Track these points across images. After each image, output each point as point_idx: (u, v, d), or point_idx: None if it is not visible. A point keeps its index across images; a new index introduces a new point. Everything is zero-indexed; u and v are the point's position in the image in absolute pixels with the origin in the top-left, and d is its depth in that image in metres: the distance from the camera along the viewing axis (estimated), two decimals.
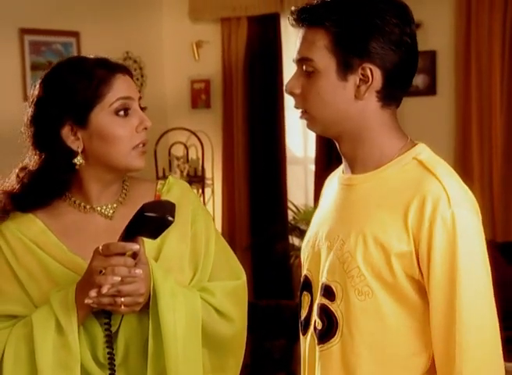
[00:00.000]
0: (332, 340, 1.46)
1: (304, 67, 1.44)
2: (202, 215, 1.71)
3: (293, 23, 1.46)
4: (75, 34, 5.32)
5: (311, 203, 5.32)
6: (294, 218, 5.23)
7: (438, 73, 4.96)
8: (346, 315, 1.44)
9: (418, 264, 1.39)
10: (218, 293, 1.64)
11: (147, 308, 1.52)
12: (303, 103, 1.46)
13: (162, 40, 5.88)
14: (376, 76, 1.42)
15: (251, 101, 5.49)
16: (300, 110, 1.49)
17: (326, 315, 1.47)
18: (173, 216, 1.44)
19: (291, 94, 1.47)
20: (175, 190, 1.70)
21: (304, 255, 1.57)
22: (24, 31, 5.10)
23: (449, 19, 4.86)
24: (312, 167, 5.42)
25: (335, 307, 1.45)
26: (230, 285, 1.69)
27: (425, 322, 1.41)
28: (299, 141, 5.58)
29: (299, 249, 4.99)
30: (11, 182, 1.62)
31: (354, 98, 1.43)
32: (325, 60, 1.42)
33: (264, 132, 5.48)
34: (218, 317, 1.63)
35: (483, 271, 1.39)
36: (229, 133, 5.61)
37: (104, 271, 1.44)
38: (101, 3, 5.49)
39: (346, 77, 1.42)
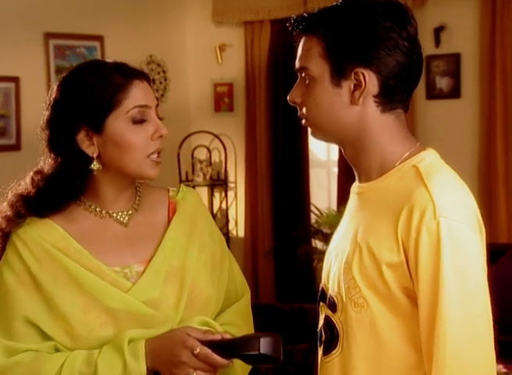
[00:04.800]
0: (334, 352, 1.45)
1: (303, 75, 1.44)
2: (217, 235, 1.72)
3: (291, 31, 1.46)
4: (99, 38, 5.35)
5: (334, 206, 5.30)
6: (317, 221, 5.22)
7: (462, 75, 4.92)
8: (345, 327, 1.42)
9: (411, 275, 1.36)
10: (241, 322, 1.67)
11: None
12: (305, 112, 1.47)
13: (185, 43, 5.90)
14: (370, 80, 1.39)
15: (274, 105, 5.49)
16: (302, 118, 1.49)
17: (329, 326, 1.46)
18: (282, 356, 1.46)
19: (293, 103, 1.48)
20: (190, 198, 1.70)
21: (323, 265, 1.56)
22: (49, 35, 5.15)
23: (473, 21, 4.83)
24: (335, 170, 5.41)
25: (336, 319, 1.44)
26: (243, 304, 1.72)
27: None
28: (322, 143, 5.57)
29: (322, 252, 4.98)
30: (25, 185, 1.61)
31: (350, 103, 1.42)
32: (319, 67, 1.42)
33: (287, 135, 5.47)
34: None
35: (475, 286, 1.33)
36: (251, 136, 5.61)
37: (194, 374, 1.49)
38: (125, 7, 5.52)
39: (340, 83, 1.41)
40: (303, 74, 1.45)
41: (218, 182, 5.73)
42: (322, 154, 5.66)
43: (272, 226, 5.57)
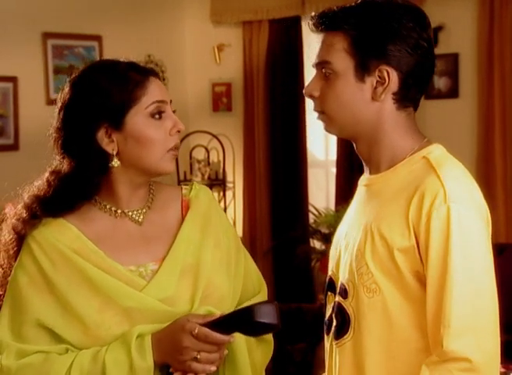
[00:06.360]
0: (346, 336, 1.50)
1: (323, 70, 1.49)
2: (232, 231, 1.73)
3: (313, 28, 1.51)
4: (97, 38, 5.35)
5: (332, 206, 5.31)
6: (315, 221, 5.22)
7: (460, 75, 4.93)
8: (356, 312, 1.48)
9: (421, 259, 1.41)
10: None
11: None
12: (321, 105, 1.51)
13: (184, 43, 5.90)
14: (393, 78, 1.46)
15: (272, 105, 5.49)
16: (317, 112, 1.53)
17: (340, 312, 1.51)
18: (281, 322, 1.47)
19: (310, 97, 1.52)
20: (203, 196, 1.70)
21: (330, 256, 1.61)
22: (47, 35, 5.15)
23: (471, 21, 4.83)
24: (333, 170, 5.41)
25: (347, 304, 1.49)
26: (260, 299, 1.70)
27: None
28: (320, 143, 5.57)
29: (320, 252, 5.01)
30: (40, 186, 1.60)
31: (371, 99, 1.47)
32: (343, 62, 1.47)
33: (285, 135, 5.47)
34: (255, 343, 1.65)
35: (481, 271, 1.40)
36: (250, 136, 5.61)
37: (199, 357, 1.49)
38: (123, 7, 5.52)
39: (364, 79, 1.46)
40: (323, 69, 1.49)
41: (217, 182, 5.73)
42: (320, 154, 5.66)
43: (270, 226, 5.57)
